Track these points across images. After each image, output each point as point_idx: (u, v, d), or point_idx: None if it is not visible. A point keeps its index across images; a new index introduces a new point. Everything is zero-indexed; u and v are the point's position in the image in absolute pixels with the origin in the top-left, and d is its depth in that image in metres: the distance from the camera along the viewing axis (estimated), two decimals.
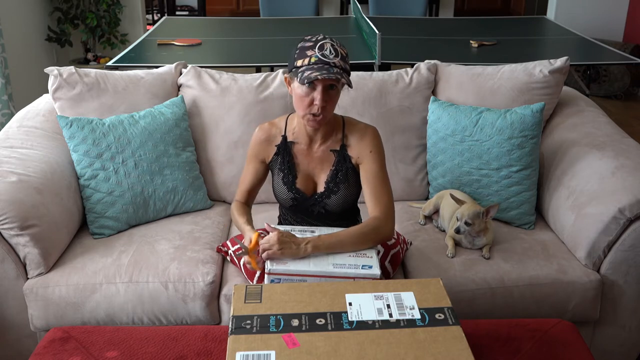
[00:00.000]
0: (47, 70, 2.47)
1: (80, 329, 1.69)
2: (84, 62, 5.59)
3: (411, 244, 2.18)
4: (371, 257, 1.76)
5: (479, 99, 2.52)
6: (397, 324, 1.39)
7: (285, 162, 1.97)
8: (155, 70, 2.62)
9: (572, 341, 1.64)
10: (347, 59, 1.81)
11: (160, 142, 2.32)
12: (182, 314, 2.02)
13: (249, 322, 1.40)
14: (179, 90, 2.59)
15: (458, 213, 2.13)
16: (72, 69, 2.47)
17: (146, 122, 2.33)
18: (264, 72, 2.62)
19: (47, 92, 2.56)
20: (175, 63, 2.64)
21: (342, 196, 1.95)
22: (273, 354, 1.30)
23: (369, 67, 3.41)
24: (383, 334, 1.36)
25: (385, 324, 1.39)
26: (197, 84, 2.54)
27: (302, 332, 1.36)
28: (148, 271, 2.02)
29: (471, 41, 4.06)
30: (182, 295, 1.99)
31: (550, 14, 6.09)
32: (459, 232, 2.10)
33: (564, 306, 2.04)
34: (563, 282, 2.03)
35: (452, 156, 2.38)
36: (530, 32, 4.74)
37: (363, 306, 1.45)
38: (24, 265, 2.02)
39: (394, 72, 2.61)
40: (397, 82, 2.56)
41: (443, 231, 2.29)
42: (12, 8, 4.65)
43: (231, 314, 1.43)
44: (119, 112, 2.43)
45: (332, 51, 1.77)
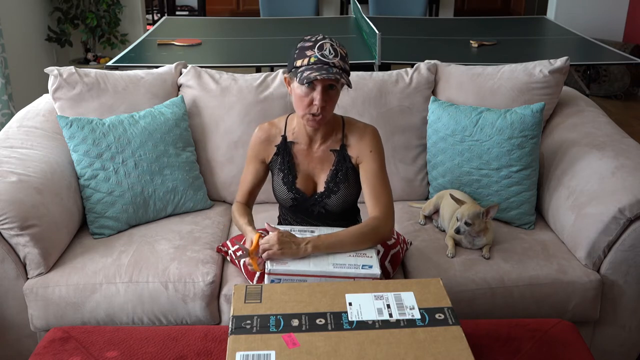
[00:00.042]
0: (47, 70, 2.47)
1: (80, 329, 1.69)
2: (84, 62, 5.59)
3: (411, 244, 2.18)
4: (371, 256, 1.76)
5: (479, 99, 2.52)
6: (397, 324, 1.39)
7: (285, 162, 1.97)
8: (155, 70, 2.62)
9: (572, 341, 1.64)
10: (346, 59, 1.81)
11: (160, 142, 2.32)
12: (182, 314, 2.02)
13: (249, 322, 1.40)
14: (179, 90, 2.59)
15: (458, 213, 2.13)
16: (72, 69, 2.47)
17: (146, 122, 2.33)
18: (264, 72, 2.62)
19: (47, 92, 2.56)
20: (175, 63, 2.64)
21: (342, 196, 1.95)
22: (273, 354, 1.30)
23: (369, 67, 3.41)
24: (383, 334, 1.36)
25: (385, 324, 1.39)
26: (197, 84, 2.54)
27: (302, 332, 1.36)
28: (148, 271, 2.02)
29: (471, 41, 4.06)
30: (182, 295, 1.99)
31: (550, 14, 6.09)
32: (459, 232, 2.10)
33: (564, 306, 2.04)
34: (563, 282, 2.03)
35: (452, 156, 2.38)
36: (530, 32, 4.74)
37: (363, 306, 1.45)
38: (24, 265, 2.02)
39: (394, 72, 2.61)
40: (397, 82, 2.56)
41: (443, 231, 2.29)
42: (12, 8, 4.65)
43: (231, 314, 1.43)
44: (119, 112, 2.43)
45: (331, 51, 1.77)
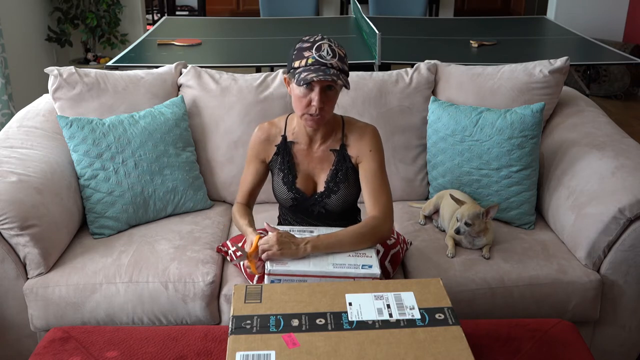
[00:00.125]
0: (47, 70, 2.47)
1: (80, 329, 1.69)
2: (84, 62, 5.59)
3: (411, 244, 2.18)
4: (371, 256, 1.76)
5: (479, 99, 2.52)
6: (397, 324, 1.39)
7: (285, 162, 1.97)
8: (155, 70, 2.62)
9: (572, 341, 1.64)
10: (345, 59, 1.81)
11: (160, 142, 2.32)
12: (182, 314, 2.02)
13: (249, 322, 1.39)
14: (179, 90, 2.59)
15: (458, 214, 2.12)
16: (72, 69, 2.47)
17: (146, 122, 2.33)
18: (264, 72, 2.62)
19: (47, 92, 2.56)
20: (175, 63, 2.64)
21: (342, 196, 1.95)
22: (273, 354, 1.30)
23: (369, 67, 3.41)
24: (383, 334, 1.36)
25: (385, 324, 1.39)
26: (197, 84, 2.54)
27: (302, 332, 1.36)
28: (148, 271, 2.02)
29: (471, 41, 4.06)
30: (182, 295, 1.99)
31: (550, 14, 6.09)
32: (459, 232, 2.10)
33: (564, 306, 2.04)
34: (563, 282, 2.03)
35: (452, 156, 2.38)
36: (530, 32, 4.74)
37: (363, 306, 1.45)
38: (24, 265, 2.02)
39: (394, 72, 2.61)
40: (397, 82, 2.56)
41: (443, 231, 2.29)
42: (12, 8, 4.65)
43: (231, 314, 1.43)
44: (119, 112, 2.43)
45: (329, 52, 1.77)
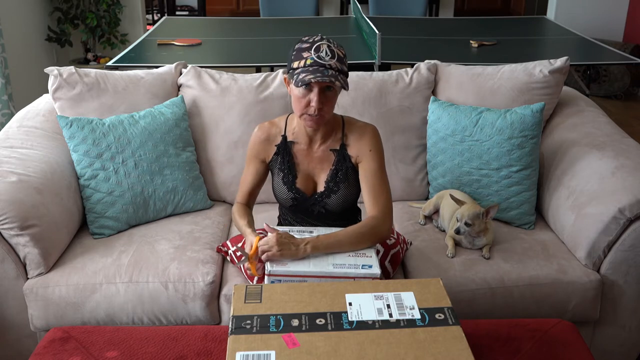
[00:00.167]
0: (47, 70, 2.47)
1: (80, 329, 1.69)
2: (84, 62, 5.59)
3: (411, 244, 2.18)
4: (371, 256, 1.76)
5: (479, 99, 2.52)
6: (397, 324, 1.39)
7: (285, 162, 1.97)
8: (155, 70, 2.62)
9: (572, 341, 1.64)
10: (344, 60, 1.81)
11: (160, 142, 2.32)
12: (182, 314, 2.02)
13: (249, 322, 1.40)
14: (179, 90, 2.59)
15: (458, 214, 2.12)
16: (72, 69, 2.47)
17: (146, 122, 2.33)
18: (264, 72, 2.62)
19: (47, 92, 2.56)
20: (175, 63, 2.64)
21: (342, 196, 1.95)
22: (273, 354, 1.30)
23: (369, 67, 3.41)
24: (383, 334, 1.36)
25: (385, 324, 1.39)
26: (197, 84, 2.54)
27: (302, 332, 1.36)
28: (148, 271, 2.02)
29: (471, 41, 4.06)
30: (182, 295, 1.99)
31: (550, 14, 6.09)
32: (459, 232, 2.10)
33: (564, 306, 2.04)
34: (563, 282, 2.03)
35: (452, 156, 2.38)
36: (530, 32, 4.74)
37: (363, 306, 1.45)
38: (24, 265, 2.02)
39: (394, 72, 2.61)
40: (397, 82, 2.56)
41: (443, 231, 2.29)
42: (12, 8, 4.65)
43: (231, 314, 1.43)
44: (119, 112, 2.43)
45: (328, 53, 1.76)
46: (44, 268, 2.02)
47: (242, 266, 2.03)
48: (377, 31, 3.54)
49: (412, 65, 2.67)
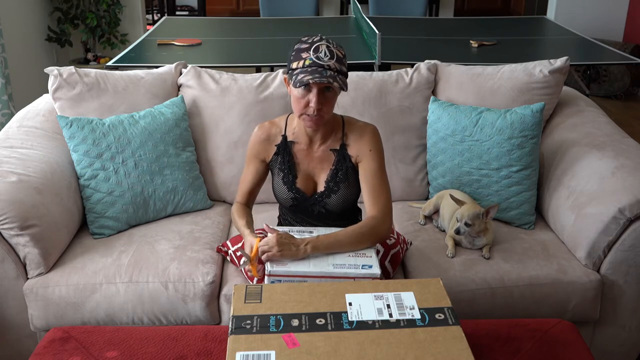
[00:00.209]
0: (47, 70, 2.47)
1: (80, 329, 1.69)
2: (84, 62, 5.59)
3: (411, 244, 2.18)
4: (371, 256, 1.76)
5: (479, 99, 2.52)
6: (397, 324, 1.39)
7: (285, 162, 1.97)
8: (155, 70, 2.62)
9: (572, 341, 1.64)
10: (343, 60, 1.81)
11: (160, 142, 2.32)
12: (182, 314, 2.02)
13: (249, 322, 1.40)
14: (179, 90, 2.59)
15: (458, 214, 2.12)
16: (72, 69, 2.47)
17: (146, 122, 2.33)
18: (264, 72, 2.62)
19: (47, 92, 2.56)
20: (175, 63, 2.64)
21: (342, 195, 1.95)
22: (273, 354, 1.30)
23: (369, 67, 3.41)
24: (383, 334, 1.36)
25: (385, 324, 1.39)
26: (197, 84, 2.54)
27: (302, 332, 1.36)
28: (148, 271, 2.02)
29: (471, 41, 4.06)
30: (182, 295, 1.99)
31: (550, 14, 6.09)
32: (459, 233, 2.10)
33: (564, 306, 2.04)
34: (563, 282, 2.03)
35: (452, 156, 2.38)
36: (530, 32, 4.74)
37: (363, 306, 1.45)
38: (24, 265, 2.02)
39: (394, 72, 2.61)
40: (397, 82, 2.56)
41: (443, 231, 2.29)
42: (12, 8, 4.65)
43: (231, 314, 1.43)
44: (119, 112, 2.43)
45: (327, 53, 1.76)
46: (44, 268, 2.02)
47: (243, 268, 2.03)
48: (377, 31, 3.54)
49: (412, 65, 2.67)
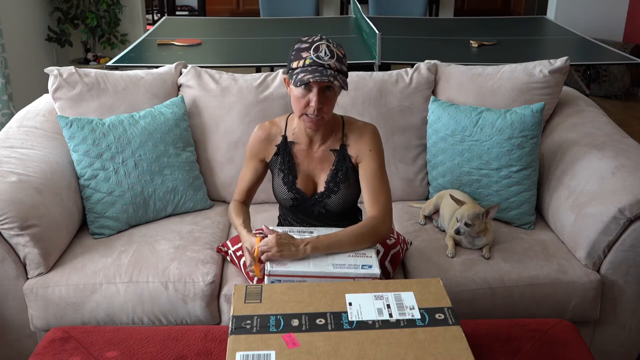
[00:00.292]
0: (47, 70, 2.47)
1: (80, 329, 1.69)
2: (84, 62, 5.59)
3: (411, 244, 2.18)
4: (370, 256, 1.76)
5: (479, 99, 2.52)
6: (397, 324, 1.39)
7: (285, 162, 1.97)
8: (155, 70, 2.62)
9: (572, 341, 1.64)
10: (344, 60, 1.81)
11: (160, 142, 2.32)
12: (182, 314, 2.02)
13: (249, 322, 1.40)
14: (179, 90, 2.59)
15: (458, 214, 2.12)
16: (72, 69, 2.47)
17: (146, 122, 2.33)
18: (264, 72, 2.62)
19: (47, 92, 2.56)
20: (175, 63, 2.64)
21: (342, 196, 1.95)
22: (273, 354, 1.30)
23: (369, 67, 3.41)
24: (383, 334, 1.36)
25: (385, 324, 1.39)
26: (197, 84, 2.54)
27: (302, 332, 1.36)
28: (148, 271, 2.02)
29: (471, 41, 4.06)
30: (182, 295, 1.99)
31: (550, 14, 6.09)
32: (459, 233, 2.10)
33: (564, 306, 2.04)
34: (563, 282, 2.03)
35: (452, 156, 2.38)
36: (530, 32, 4.74)
37: (363, 306, 1.45)
38: (24, 265, 2.02)
39: (394, 72, 2.61)
40: (397, 82, 2.56)
41: (443, 231, 2.29)
42: (12, 8, 4.65)
43: (231, 314, 1.43)
44: (119, 112, 2.43)
45: (327, 53, 1.76)
46: (44, 268, 2.02)
47: (242, 262, 2.02)
48: (377, 31, 3.54)
49: (412, 65, 2.67)
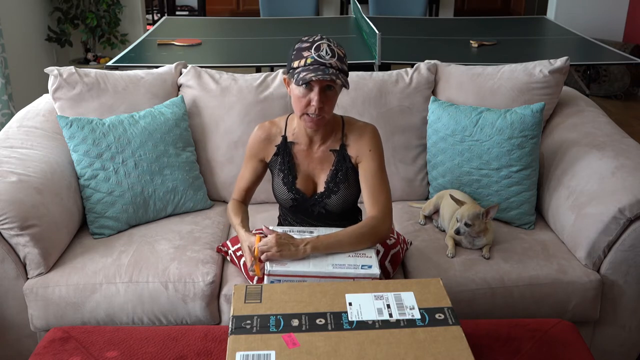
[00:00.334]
0: (47, 70, 2.47)
1: (80, 329, 1.69)
2: (84, 62, 5.59)
3: (411, 244, 2.18)
4: (370, 256, 1.76)
5: (479, 99, 2.52)
6: (397, 324, 1.39)
7: (285, 162, 1.97)
8: (155, 70, 2.62)
9: (572, 341, 1.64)
10: (344, 59, 1.81)
11: (160, 142, 2.32)
12: (182, 314, 2.02)
13: (249, 322, 1.40)
14: (179, 90, 2.59)
15: (458, 214, 2.12)
16: (72, 69, 2.47)
17: (146, 122, 2.33)
18: (264, 72, 2.62)
19: (47, 92, 2.56)
20: (175, 63, 2.64)
21: (342, 196, 1.95)
22: (273, 354, 1.30)
23: (369, 67, 3.41)
24: (383, 334, 1.36)
25: (385, 324, 1.39)
26: (197, 84, 2.54)
27: (302, 332, 1.36)
28: (148, 271, 2.02)
29: (471, 41, 4.06)
30: (182, 295, 1.99)
31: (550, 14, 6.09)
32: (459, 233, 2.10)
33: (564, 306, 2.04)
34: (563, 282, 2.03)
35: (452, 156, 2.38)
36: (530, 32, 4.74)
37: (363, 306, 1.45)
38: (24, 265, 2.02)
39: (394, 72, 2.61)
40: (397, 82, 2.56)
41: (443, 231, 2.29)
42: (12, 8, 4.65)
43: (231, 314, 1.43)
44: (119, 112, 2.43)
45: (328, 52, 1.76)
46: (44, 268, 2.02)
47: (242, 261, 2.02)
48: (377, 31, 3.54)
49: (412, 65, 2.67)
